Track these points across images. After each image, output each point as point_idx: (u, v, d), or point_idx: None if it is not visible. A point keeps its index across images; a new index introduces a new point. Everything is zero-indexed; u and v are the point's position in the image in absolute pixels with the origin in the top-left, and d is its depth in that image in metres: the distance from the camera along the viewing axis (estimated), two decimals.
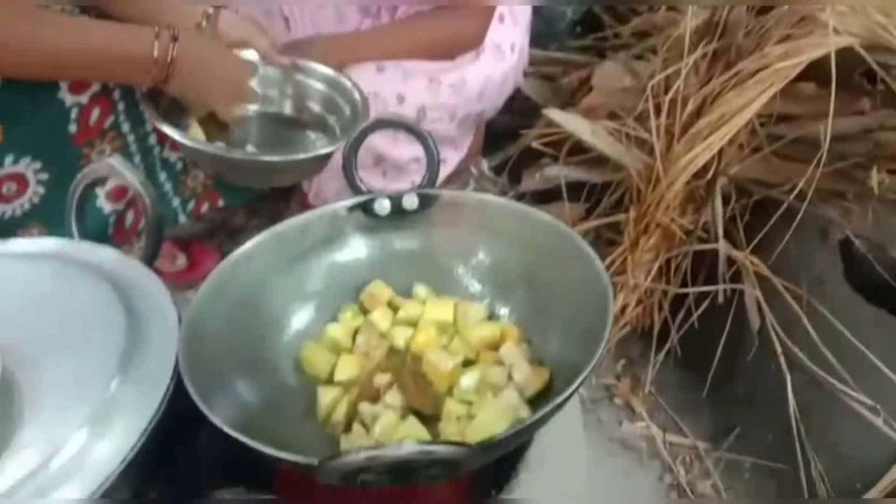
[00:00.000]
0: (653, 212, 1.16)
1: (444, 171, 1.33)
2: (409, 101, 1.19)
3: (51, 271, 0.73)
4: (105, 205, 1.15)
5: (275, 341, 0.80)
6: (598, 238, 1.28)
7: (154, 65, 0.97)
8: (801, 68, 0.98)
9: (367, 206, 0.86)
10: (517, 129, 1.49)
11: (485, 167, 1.53)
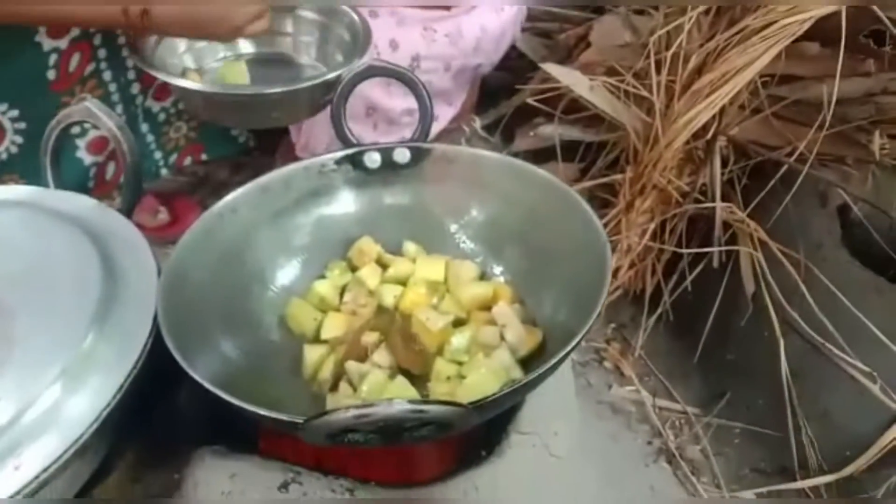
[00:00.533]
0: (649, 172, 1.14)
1: (437, 128, 1.31)
2: (403, 48, 1.16)
3: (23, 220, 0.71)
4: (85, 156, 1.12)
5: (259, 297, 0.79)
6: (592, 199, 1.25)
7: None
8: (808, 24, 0.95)
9: (356, 159, 0.84)
10: (511, 86, 1.46)
11: (477, 125, 1.50)
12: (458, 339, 0.73)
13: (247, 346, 0.72)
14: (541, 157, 1.33)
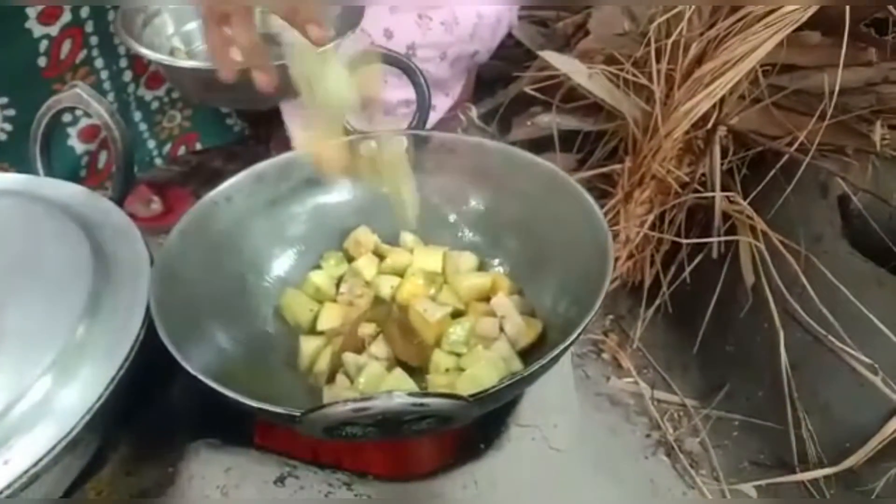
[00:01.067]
0: (649, 162, 1.12)
1: (433, 118, 1.29)
2: (398, 37, 1.14)
3: (14, 208, 0.69)
4: (77, 144, 1.11)
5: (254, 287, 0.78)
6: (590, 189, 1.23)
7: None
8: (813, 11, 0.93)
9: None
10: (508, 75, 1.44)
11: (474, 114, 1.48)
12: (457, 331, 0.72)
13: (241, 338, 0.71)
14: (538, 146, 1.31)
